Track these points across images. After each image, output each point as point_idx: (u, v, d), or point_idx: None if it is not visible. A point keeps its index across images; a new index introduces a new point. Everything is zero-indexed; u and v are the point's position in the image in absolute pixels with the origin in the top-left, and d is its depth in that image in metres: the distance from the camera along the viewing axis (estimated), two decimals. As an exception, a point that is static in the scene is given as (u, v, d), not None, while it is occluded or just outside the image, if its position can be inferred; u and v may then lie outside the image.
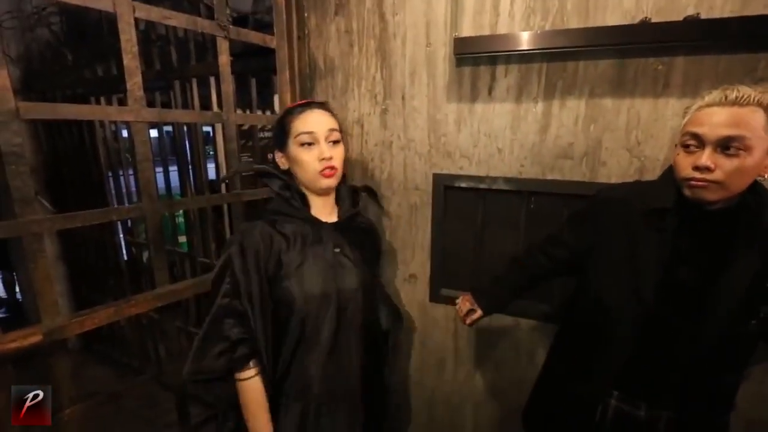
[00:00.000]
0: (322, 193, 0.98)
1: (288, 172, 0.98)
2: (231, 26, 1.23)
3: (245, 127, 1.99)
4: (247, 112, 1.81)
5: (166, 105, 2.06)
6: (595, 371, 0.94)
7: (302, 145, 0.92)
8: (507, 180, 1.26)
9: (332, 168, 0.94)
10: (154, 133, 2.30)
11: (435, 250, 1.41)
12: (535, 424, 1.13)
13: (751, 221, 0.78)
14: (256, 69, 1.77)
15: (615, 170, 1.15)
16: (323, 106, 0.98)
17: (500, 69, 1.21)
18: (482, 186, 1.30)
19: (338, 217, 1.03)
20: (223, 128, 1.28)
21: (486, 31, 1.19)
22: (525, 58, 1.17)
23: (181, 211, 2.39)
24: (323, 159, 0.92)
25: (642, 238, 0.86)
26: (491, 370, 1.45)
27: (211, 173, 2.27)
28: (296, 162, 0.93)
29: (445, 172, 1.34)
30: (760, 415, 1.14)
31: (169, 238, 2.30)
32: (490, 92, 1.23)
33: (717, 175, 0.72)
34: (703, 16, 0.97)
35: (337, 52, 1.41)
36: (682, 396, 0.86)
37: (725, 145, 0.71)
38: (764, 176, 0.75)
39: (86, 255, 2.53)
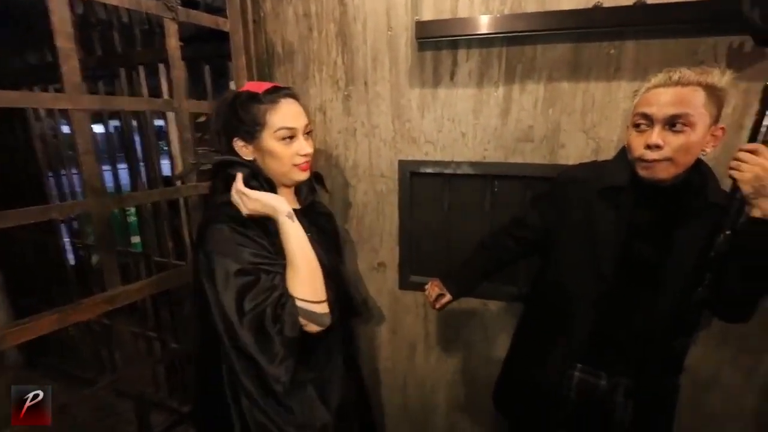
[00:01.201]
0: (292, 184, 0.95)
1: (249, 162, 0.93)
2: (180, 7, 1.15)
3: (201, 119, 1.89)
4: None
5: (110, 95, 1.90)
6: (558, 347, 0.98)
7: (282, 139, 0.87)
8: (472, 164, 1.28)
9: (308, 161, 0.92)
10: (100, 129, 2.14)
11: (403, 237, 1.41)
12: (505, 402, 1.16)
13: (696, 196, 0.84)
14: (209, 55, 1.67)
15: (573, 152, 1.19)
16: (294, 95, 0.93)
17: (462, 53, 1.21)
18: (447, 171, 1.30)
19: (300, 204, 1.00)
20: (176, 117, 1.20)
21: (447, 15, 1.18)
22: (485, 42, 1.18)
23: (133, 210, 2.24)
24: (303, 154, 0.89)
25: (599, 216, 0.91)
26: (462, 352, 1.47)
27: (166, 170, 2.13)
28: (272, 155, 0.88)
29: (410, 158, 1.33)
30: (705, 374, 1.23)
31: (120, 239, 2.15)
32: (452, 77, 1.24)
33: (666, 152, 0.77)
34: (649, 2, 1.01)
35: (295, 37, 1.35)
36: (638, 363, 0.92)
37: (672, 123, 0.77)
38: (706, 152, 0.80)
39: (26, 261, 2.32)
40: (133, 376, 1.25)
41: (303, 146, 0.89)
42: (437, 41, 1.21)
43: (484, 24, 1.10)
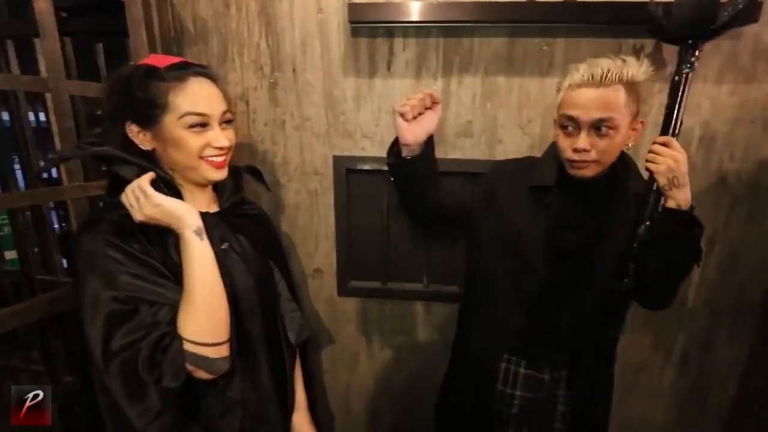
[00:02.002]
0: (206, 183, 0.78)
1: (147, 153, 0.75)
2: (52, -36, 0.92)
3: (99, 113, 1.59)
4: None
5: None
6: (497, 341, 0.97)
7: (190, 127, 0.70)
8: (411, 160, 1.21)
9: (225, 157, 0.76)
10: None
11: (340, 240, 1.30)
12: (447, 411, 1.11)
13: (621, 187, 0.87)
14: (102, 30, 1.40)
15: (510, 147, 1.18)
16: (210, 75, 0.75)
17: (398, 42, 1.14)
18: (386, 168, 1.22)
19: (219, 205, 0.84)
20: (53, 101, 0.96)
21: (381, -1, 1.10)
22: (422, 31, 1.12)
23: (6, 220, 1.83)
24: (217, 147, 0.73)
25: (528, 210, 0.90)
26: (406, 358, 1.41)
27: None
28: (176, 146, 0.71)
29: (346, 153, 1.23)
30: (630, 358, 1.31)
31: (-11, 254, 1.74)
32: (389, 67, 1.16)
33: (593, 155, 0.79)
34: (578, -1, 1.03)
35: (209, 13, 1.17)
36: (574, 356, 0.93)
37: (597, 126, 0.77)
38: (629, 146, 0.83)
39: None
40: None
41: (218, 137, 0.73)
42: (372, 27, 1.12)
43: (418, 11, 1.04)
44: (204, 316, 0.65)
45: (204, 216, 0.76)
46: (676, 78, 0.82)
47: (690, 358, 1.30)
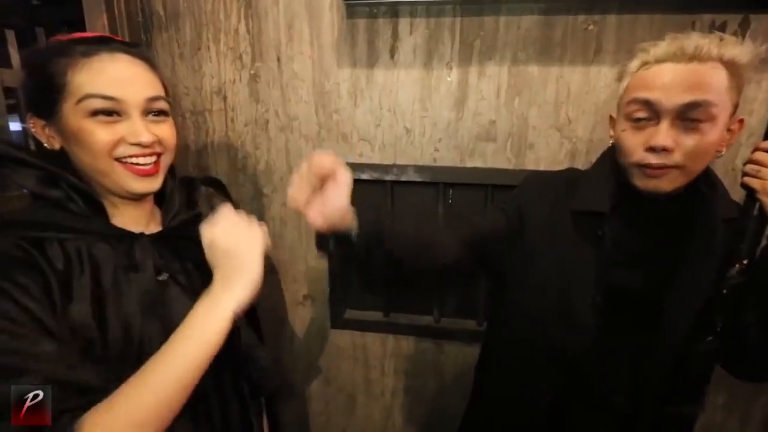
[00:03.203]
0: (130, 196, 0.58)
1: (59, 154, 0.56)
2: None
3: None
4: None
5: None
6: (524, 412, 0.73)
7: (93, 115, 0.51)
8: (419, 169, 0.99)
9: (156, 163, 0.56)
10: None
11: (334, 263, 1.09)
12: None
13: (705, 211, 0.62)
14: (74, 19, 1.25)
15: (544, 153, 0.94)
16: (133, 51, 0.56)
17: (404, 23, 0.92)
18: (389, 177, 1.01)
19: (163, 224, 0.64)
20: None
21: (383, -30, 0.89)
22: (434, 9, 0.90)
23: None
24: (134, 143, 0.53)
25: (571, 246, 0.66)
26: (411, 403, 1.18)
27: None
28: (78, 142, 0.52)
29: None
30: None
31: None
32: (392, 54, 0.94)
33: (677, 158, 0.54)
34: (639, -38, 0.79)
35: (181, -8, 0.99)
36: None
37: (687, 116, 0.53)
38: (721, 153, 0.58)
39: None
40: None
41: (136, 130, 0.53)
42: (372, 5, 0.91)
43: (432, -18, 0.82)
44: (153, 409, 0.46)
45: (136, 238, 0.57)
46: None
47: (773, 423, 1.02)
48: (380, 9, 0.92)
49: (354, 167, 1.01)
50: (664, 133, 0.54)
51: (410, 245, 0.63)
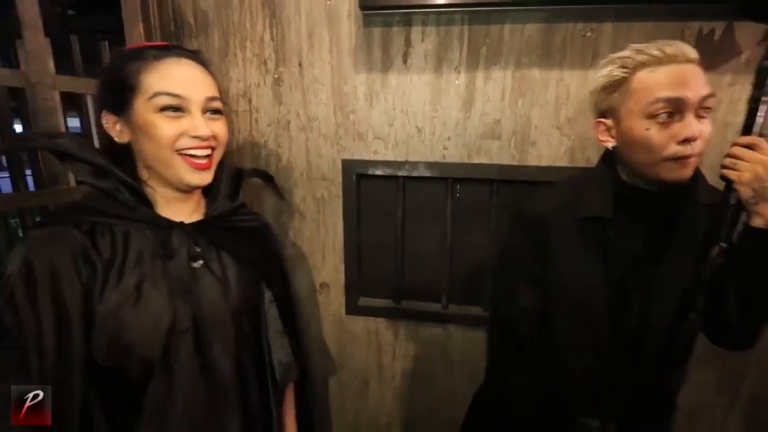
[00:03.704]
0: (186, 188, 0.66)
1: (125, 148, 0.64)
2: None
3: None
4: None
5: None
6: (554, 390, 0.79)
7: (161, 110, 0.59)
8: (429, 165, 1.07)
9: (209, 156, 0.64)
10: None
11: (349, 252, 1.17)
12: None
13: (691, 200, 0.69)
14: (105, 28, 1.34)
15: (545, 150, 1.01)
16: (197, 58, 0.65)
17: (416, 31, 1.00)
18: (401, 173, 1.09)
19: (204, 214, 0.72)
20: (30, 96, 0.89)
21: (397, -17, 0.97)
22: (444, 19, 0.98)
23: (18, 222, 1.81)
24: (195, 136, 0.61)
25: (584, 252, 0.72)
26: (421, 386, 1.26)
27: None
28: (145, 134, 0.60)
29: (356, 157, 1.10)
30: (688, 400, 1.11)
31: (4, 256, 1.72)
32: (405, 60, 1.02)
33: (700, 144, 0.62)
34: (631, -25, 0.86)
35: (210, 4, 1.08)
36: (630, 404, 0.75)
37: (702, 107, 0.61)
38: None
39: None
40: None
41: (197, 125, 0.61)
42: (386, 15, 0.99)
43: (442, -6, 0.90)
44: None
45: (172, 229, 0.65)
46: (766, 63, 0.64)
47: (760, 404, 1.09)
48: (394, 18, 1.00)
49: (369, 164, 1.09)
50: (695, 124, 0.60)
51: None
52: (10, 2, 0.94)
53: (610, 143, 0.70)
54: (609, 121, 0.69)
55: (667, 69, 0.61)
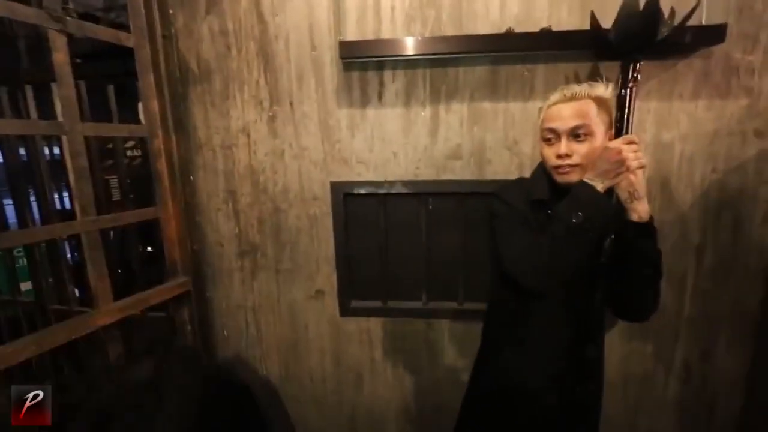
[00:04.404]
0: None
1: None
2: (70, 19, 1.01)
3: (110, 146, 1.70)
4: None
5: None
6: (538, 356, 0.94)
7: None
8: (405, 183, 1.27)
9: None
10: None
11: (340, 262, 1.35)
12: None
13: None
14: (116, 73, 1.51)
15: (499, 167, 1.23)
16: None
17: (388, 74, 1.21)
18: (381, 191, 1.28)
19: None
20: (68, 142, 1.04)
21: (370, 36, 1.18)
22: (410, 63, 1.20)
23: (21, 253, 1.91)
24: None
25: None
26: (410, 376, 1.43)
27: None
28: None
29: (342, 179, 1.29)
30: (634, 370, 1.32)
31: (4, 288, 1.81)
32: (380, 97, 1.23)
33: (575, 159, 0.83)
34: (554, 29, 1.10)
35: (212, 54, 1.27)
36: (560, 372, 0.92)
37: (575, 133, 0.83)
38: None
39: None
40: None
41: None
42: (363, 62, 1.20)
43: (407, 46, 1.12)
44: None
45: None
46: (623, 92, 0.92)
47: (691, 368, 1.31)
48: (369, 64, 1.21)
49: (354, 184, 1.28)
50: (563, 145, 0.83)
51: None
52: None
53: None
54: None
55: (555, 107, 0.85)
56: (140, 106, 1.38)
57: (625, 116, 0.91)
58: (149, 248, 2.20)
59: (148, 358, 1.23)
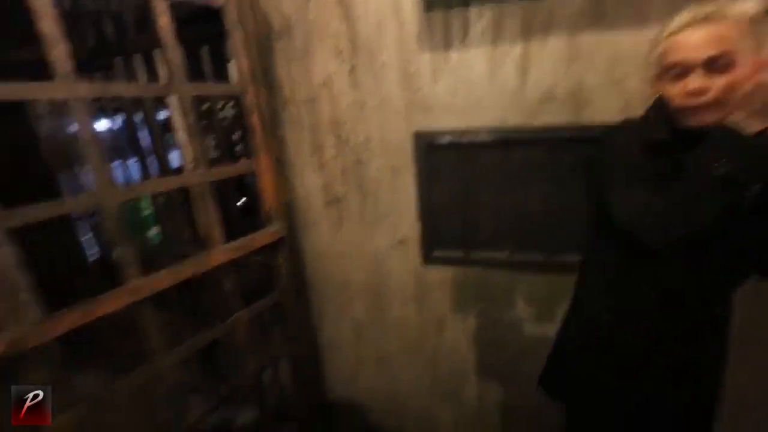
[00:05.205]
0: None
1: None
2: (168, -16, 1.08)
3: (204, 108, 1.85)
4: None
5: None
6: (641, 313, 0.87)
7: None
8: (491, 131, 1.21)
9: None
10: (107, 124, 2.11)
11: (423, 212, 1.37)
12: (557, 384, 1.07)
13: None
14: (207, 35, 1.60)
15: (600, 109, 1.11)
16: None
17: (473, 11, 1.12)
18: (465, 140, 1.24)
19: None
20: (178, 102, 1.16)
21: (455, -32, 1.09)
22: (499, -4, 1.09)
23: (149, 203, 2.24)
24: None
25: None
26: (491, 325, 1.45)
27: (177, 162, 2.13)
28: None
29: (424, 128, 1.27)
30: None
31: (136, 233, 2.16)
32: (464, 38, 1.15)
33: (713, 95, 0.68)
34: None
35: (292, 8, 1.27)
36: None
37: (712, 65, 0.68)
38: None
39: (49, 259, 2.36)
40: (166, 363, 1.28)
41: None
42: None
43: (497, -26, 1.01)
44: None
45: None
46: None
47: None
48: (453, 1, 1.12)
49: (436, 133, 1.26)
50: (694, 78, 0.68)
51: None
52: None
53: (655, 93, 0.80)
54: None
55: (681, 34, 0.70)
56: (229, 65, 1.46)
57: None
58: (243, 199, 2.44)
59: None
